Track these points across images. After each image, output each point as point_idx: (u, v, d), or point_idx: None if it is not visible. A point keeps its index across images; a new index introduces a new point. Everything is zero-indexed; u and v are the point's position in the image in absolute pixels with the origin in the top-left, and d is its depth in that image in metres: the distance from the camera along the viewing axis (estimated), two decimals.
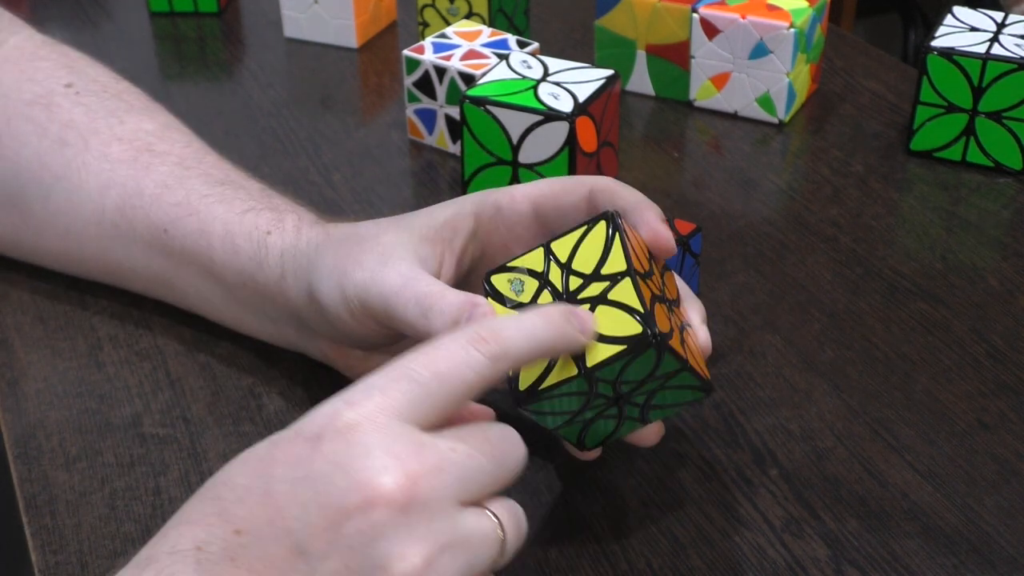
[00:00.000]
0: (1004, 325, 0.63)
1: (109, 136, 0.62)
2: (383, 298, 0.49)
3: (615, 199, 0.51)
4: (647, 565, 0.50)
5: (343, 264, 0.51)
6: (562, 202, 0.52)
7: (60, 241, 0.63)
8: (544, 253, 0.48)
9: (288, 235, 0.56)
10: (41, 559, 0.50)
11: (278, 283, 0.55)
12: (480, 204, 0.53)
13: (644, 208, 0.50)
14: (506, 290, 0.48)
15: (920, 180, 0.77)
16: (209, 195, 0.58)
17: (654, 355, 0.44)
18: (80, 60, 0.67)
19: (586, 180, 0.52)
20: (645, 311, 0.44)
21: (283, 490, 0.39)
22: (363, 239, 0.52)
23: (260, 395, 0.59)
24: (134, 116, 0.63)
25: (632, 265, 0.45)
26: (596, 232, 0.47)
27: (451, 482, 0.40)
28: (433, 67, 0.77)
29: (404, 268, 0.50)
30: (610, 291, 0.45)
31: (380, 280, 0.49)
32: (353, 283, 0.51)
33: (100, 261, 0.63)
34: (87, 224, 0.61)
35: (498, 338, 0.42)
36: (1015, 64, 0.73)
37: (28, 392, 0.59)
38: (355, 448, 0.39)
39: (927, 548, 0.50)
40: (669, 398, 0.47)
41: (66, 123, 0.62)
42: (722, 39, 0.81)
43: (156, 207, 0.59)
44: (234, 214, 0.57)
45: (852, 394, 0.59)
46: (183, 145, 0.62)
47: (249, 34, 0.98)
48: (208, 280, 0.59)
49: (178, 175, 0.60)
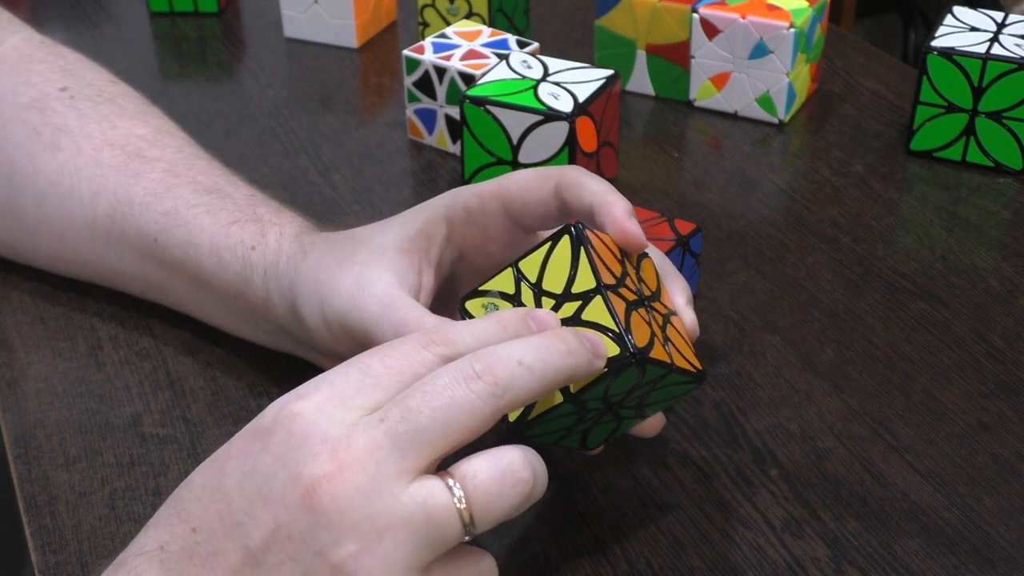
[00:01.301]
0: (1004, 325, 0.63)
1: (101, 141, 0.62)
2: (362, 325, 0.49)
3: (582, 192, 0.50)
4: (647, 565, 0.50)
5: (322, 290, 0.51)
6: (529, 198, 0.51)
7: (55, 245, 0.63)
8: (513, 274, 0.47)
9: (270, 252, 0.55)
10: (41, 559, 0.50)
11: (265, 302, 0.55)
12: (450, 208, 0.52)
13: (611, 203, 0.48)
14: (480, 315, 0.47)
15: (920, 180, 0.77)
16: (197, 205, 0.58)
17: (636, 371, 0.44)
18: (77, 63, 0.67)
19: (551, 174, 0.51)
20: (620, 330, 0.43)
21: (232, 484, 0.40)
22: (340, 261, 0.51)
23: (260, 395, 0.58)
24: (127, 120, 0.63)
25: (601, 280, 0.44)
26: (561, 247, 0.46)
27: (383, 457, 0.38)
28: (433, 67, 0.77)
29: (381, 292, 0.49)
30: (583, 311, 0.44)
31: (360, 307, 0.49)
32: (333, 310, 0.51)
33: (95, 266, 0.63)
34: (80, 229, 0.61)
35: (449, 341, 0.41)
36: (1015, 64, 0.73)
37: (28, 392, 0.59)
38: (294, 438, 0.39)
39: (927, 548, 0.50)
40: (662, 395, 0.47)
41: (59, 127, 0.62)
42: (722, 39, 0.81)
43: (145, 216, 0.59)
44: (220, 227, 0.57)
45: (852, 394, 0.59)
46: (174, 150, 0.62)
47: (249, 34, 0.98)
48: (200, 290, 0.59)
49: (167, 183, 0.59)
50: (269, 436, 0.40)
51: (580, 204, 0.50)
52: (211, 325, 0.61)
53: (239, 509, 0.39)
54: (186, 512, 0.40)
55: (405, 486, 0.38)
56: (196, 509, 0.40)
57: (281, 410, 0.40)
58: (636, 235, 0.48)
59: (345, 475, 0.38)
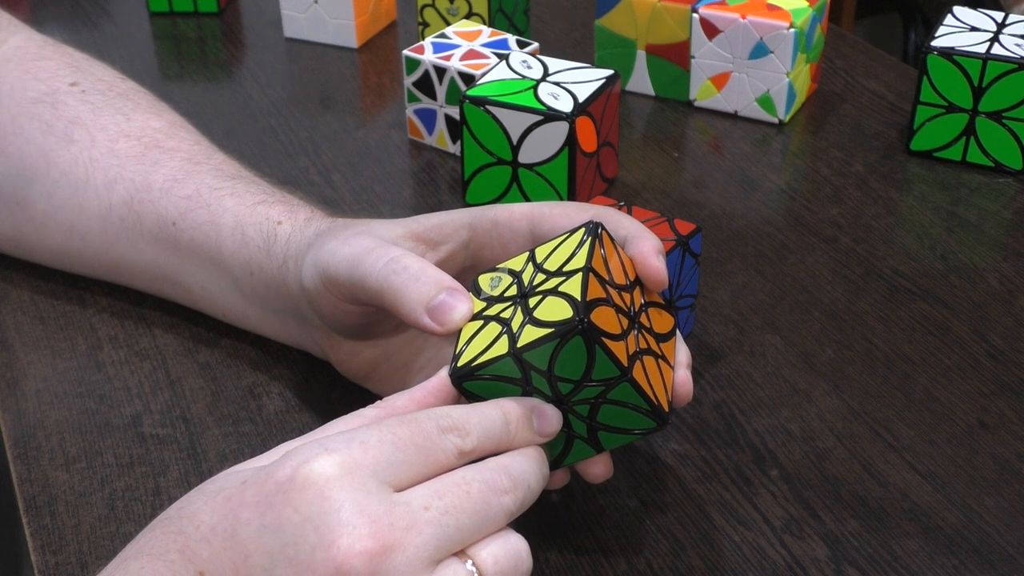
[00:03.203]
0: (1004, 325, 0.63)
1: (116, 132, 0.62)
2: (354, 258, 0.48)
3: (616, 228, 0.49)
4: (647, 565, 0.50)
5: (331, 244, 0.51)
6: (559, 225, 0.50)
7: (64, 237, 0.63)
8: (528, 256, 0.48)
9: (298, 224, 0.55)
10: (41, 559, 0.50)
11: (280, 270, 0.55)
12: (478, 217, 0.52)
13: (642, 239, 0.48)
14: (485, 285, 0.48)
15: (920, 180, 0.77)
16: (220, 188, 0.59)
17: (582, 345, 0.43)
18: (84, 60, 0.67)
19: (589, 209, 0.51)
20: (582, 301, 0.43)
21: (250, 535, 0.39)
22: (357, 227, 0.52)
23: (260, 395, 0.59)
24: (141, 114, 0.64)
25: (591, 265, 0.45)
26: (574, 236, 0.47)
27: (422, 543, 0.39)
28: (433, 67, 0.77)
29: (387, 241, 0.49)
30: (562, 284, 0.45)
31: (352, 243, 0.49)
32: (327, 250, 0.50)
33: (104, 257, 0.63)
34: (92, 219, 0.61)
35: (463, 431, 0.42)
36: (1015, 64, 0.73)
37: (28, 392, 0.59)
38: (327, 503, 0.38)
39: (927, 548, 0.50)
40: (616, 418, 0.46)
41: (72, 120, 0.62)
42: (722, 39, 0.81)
43: (165, 200, 0.59)
44: (245, 206, 0.57)
45: (852, 394, 0.59)
46: (192, 143, 0.63)
47: (249, 34, 0.98)
48: (214, 272, 0.59)
49: (188, 170, 0.60)
50: (296, 491, 0.38)
51: (614, 235, 0.50)
52: (215, 315, 0.61)
53: (257, 564, 0.38)
54: (192, 552, 0.39)
55: (434, 568, 0.39)
56: (204, 552, 0.39)
57: (308, 464, 0.39)
58: (657, 271, 0.48)
59: (385, 555, 0.38)
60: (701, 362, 0.61)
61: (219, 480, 0.41)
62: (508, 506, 0.41)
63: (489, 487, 0.41)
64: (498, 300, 0.47)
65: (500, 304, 0.46)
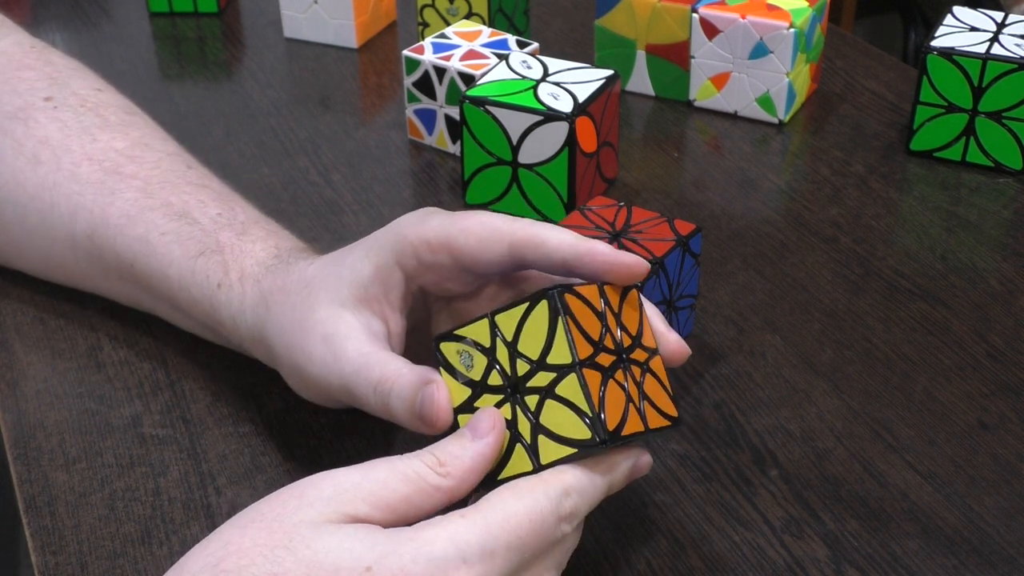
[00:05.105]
0: (1004, 325, 0.63)
1: (80, 155, 0.61)
2: (343, 386, 0.49)
3: (546, 252, 0.46)
4: (647, 565, 0.50)
5: (295, 357, 0.50)
6: (480, 258, 0.47)
7: (42, 260, 0.63)
8: (489, 327, 0.45)
9: (235, 296, 0.54)
10: (41, 559, 0.50)
11: (240, 345, 0.56)
12: (400, 255, 0.49)
13: (587, 251, 0.45)
14: (456, 362, 0.46)
15: (920, 180, 0.77)
16: (167, 233, 0.57)
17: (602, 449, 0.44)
18: (65, 70, 0.66)
19: (503, 233, 0.47)
20: (593, 413, 0.43)
21: None
22: (302, 320, 0.50)
23: (260, 395, 0.58)
24: (107, 133, 0.62)
25: (577, 356, 0.43)
26: (539, 312, 0.44)
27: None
28: (433, 67, 0.77)
29: (353, 353, 0.48)
30: (557, 384, 0.44)
31: (336, 374, 0.49)
32: (312, 376, 0.50)
33: (81, 281, 0.63)
34: (63, 248, 0.61)
35: (579, 512, 0.45)
36: (1015, 64, 0.73)
37: (28, 392, 0.59)
38: None
39: (927, 548, 0.50)
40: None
41: (41, 140, 0.62)
42: (722, 39, 0.81)
43: (121, 240, 0.59)
44: (188, 259, 0.56)
45: (852, 394, 0.59)
46: (151, 166, 0.61)
47: (249, 34, 0.98)
48: (178, 313, 0.59)
49: (141, 204, 0.59)
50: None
51: (549, 263, 0.47)
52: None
53: None
54: None
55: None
56: None
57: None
58: (626, 264, 0.45)
59: None
60: (701, 362, 0.61)
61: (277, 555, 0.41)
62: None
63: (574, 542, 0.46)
64: (482, 386, 0.46)
65: (490, 395, 0.45)
